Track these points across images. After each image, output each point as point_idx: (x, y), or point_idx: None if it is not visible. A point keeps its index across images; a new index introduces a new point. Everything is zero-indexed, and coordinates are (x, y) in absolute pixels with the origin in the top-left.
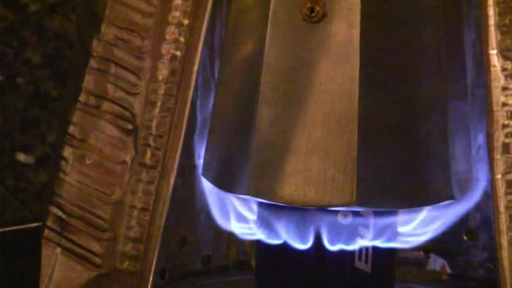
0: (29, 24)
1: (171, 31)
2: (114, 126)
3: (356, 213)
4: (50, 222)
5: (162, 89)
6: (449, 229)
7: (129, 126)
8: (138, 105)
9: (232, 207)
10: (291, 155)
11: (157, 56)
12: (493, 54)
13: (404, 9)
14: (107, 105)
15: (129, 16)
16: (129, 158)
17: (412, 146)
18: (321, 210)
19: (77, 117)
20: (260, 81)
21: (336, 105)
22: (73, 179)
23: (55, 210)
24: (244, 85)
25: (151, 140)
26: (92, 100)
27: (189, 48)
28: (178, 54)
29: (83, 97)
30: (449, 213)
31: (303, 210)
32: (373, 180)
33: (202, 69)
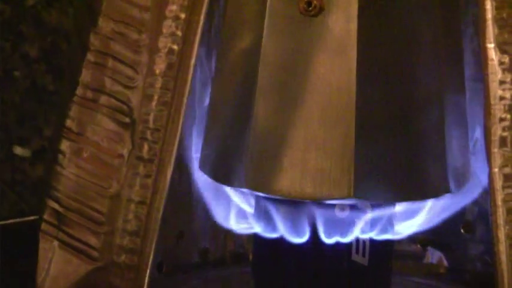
0: (26, 18)
1: (168, 25)
2: (111, 120)
3: (353, 207)
4: (47, 215)
5: (159, 82)
6: (447, 222)
7: (126, 119)
8: (135, 99)
9: (230, 201)
10: (288, 148)
11: (154, 50)
12: (491, 48)
13: (402, 2)
14: (104, 99)
15: (126, 10)
16: (126, 151)
17: (409, 139)
18: (318, 204)
19: (74, 110)
20: (257, 74)
21: (333, 99)
22: (70, 172)
23: (52, 204)
24: (241, 79)
25: (148, 134)
26: (89, 94)
27: (186, 42)
28: (175, 48)
29: (80, 91)
30: (447, 206)
31: (300, 203)
32: (370, 173)
33: (200, 63)
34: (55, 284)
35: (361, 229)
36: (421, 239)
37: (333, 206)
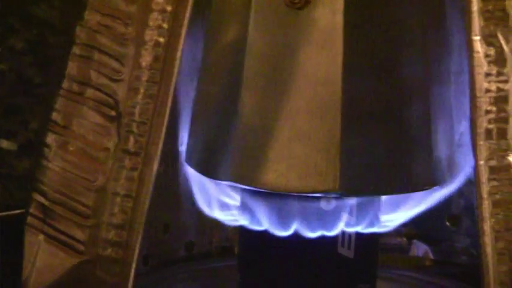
0: (12, 10)
1: (154, 18)
2: (97, 113)
3: (339, 199)
4: (32, 209)
5: (145, 75)
6: (432, 215)
7: (112, 112)
8: (121, 91)
9: (215, 194)
10: (273, 141)
11: (140, 43)
12: (476, 40)
13: None
14: (90, 92)
15: (112, 3)
16: (112, 144)
17: (395, 132)
18: (303, 197)
19: (60, 104)
20: (243, 67)
21: (319, 91)
22: (56, 165)
23: (38, 197)
24: (227, 71)
25: (134, 127)
26: (75, 87)
27: (172, 34)
28: (162, 40)
29: (66, 84)
30: (431, 198)
31: (285, 197)
32: (356, 166)
33: (185, 56)
34: (41, 278)
35: (348, 223)
36: (407, 232)
37: (318, 198)
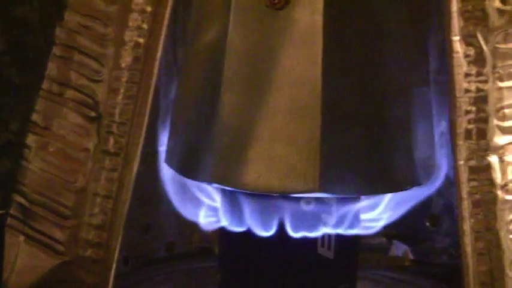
0: None
1: (134, 18)
2: (77, 114)
3: (319, 200)
4: (13, 210)
5: (125, 76)
6: (412, 215)
7: (92, 113)
8: (101, 92)
9: (195, 195)
10: (254, 142)
11: (120, 43)
12: (456, 40)
13: None
14: (70, 93)
15: (92, 3)
16: (92, 145)
17: (375, 132)
18: (284, 197)
19: (40, 104)
20: (223, 67)
21: (299, 92)
22: (36, 166)
23: (18, 198)
24: (207, 71)
25: (114, 128)
26: (55, 87)
27: (152, 35)
28: (141, 41)
29: (46, 85)
30: (411, 198)
31: (266, 197)
32: (336, 166)
33: (165, 56)
34: (21, 279)
35: (328, 224)
36: (387, 232)
37: (299, 199)
